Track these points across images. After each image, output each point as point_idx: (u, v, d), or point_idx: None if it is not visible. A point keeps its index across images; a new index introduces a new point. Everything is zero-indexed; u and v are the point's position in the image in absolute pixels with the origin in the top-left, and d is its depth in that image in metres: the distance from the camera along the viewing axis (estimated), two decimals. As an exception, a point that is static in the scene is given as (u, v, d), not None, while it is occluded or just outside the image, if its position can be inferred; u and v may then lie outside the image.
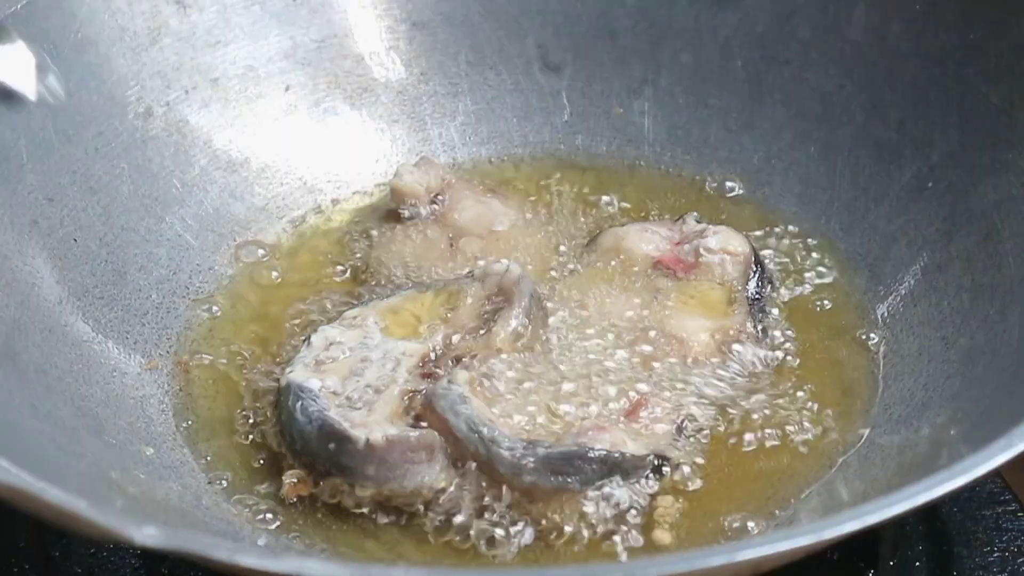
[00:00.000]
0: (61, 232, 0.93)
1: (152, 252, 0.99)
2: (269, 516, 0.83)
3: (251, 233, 1.04)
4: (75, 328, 0.90)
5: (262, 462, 0.86)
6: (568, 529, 0.80)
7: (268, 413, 0.89)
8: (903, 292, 0.96)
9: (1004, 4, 0.97)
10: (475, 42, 1.12)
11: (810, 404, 0.89)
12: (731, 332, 0.92)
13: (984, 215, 0.94)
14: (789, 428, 0.87)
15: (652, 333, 0.92)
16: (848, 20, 1.06)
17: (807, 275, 0.99)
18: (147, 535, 0.59)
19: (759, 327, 0.93)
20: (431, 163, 1.04)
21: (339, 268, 1.01)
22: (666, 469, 0.83)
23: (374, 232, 1.02)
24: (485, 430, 0.80)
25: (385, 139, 1.11)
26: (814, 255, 1.01)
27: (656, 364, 0.90)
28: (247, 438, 0.88)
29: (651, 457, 0.82)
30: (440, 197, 1.02)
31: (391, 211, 1.03)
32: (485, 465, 0.80)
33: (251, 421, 0.89)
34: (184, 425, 0.89)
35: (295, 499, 0.83)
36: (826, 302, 0.97)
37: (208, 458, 0.87)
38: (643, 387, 0.88)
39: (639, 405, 0.86)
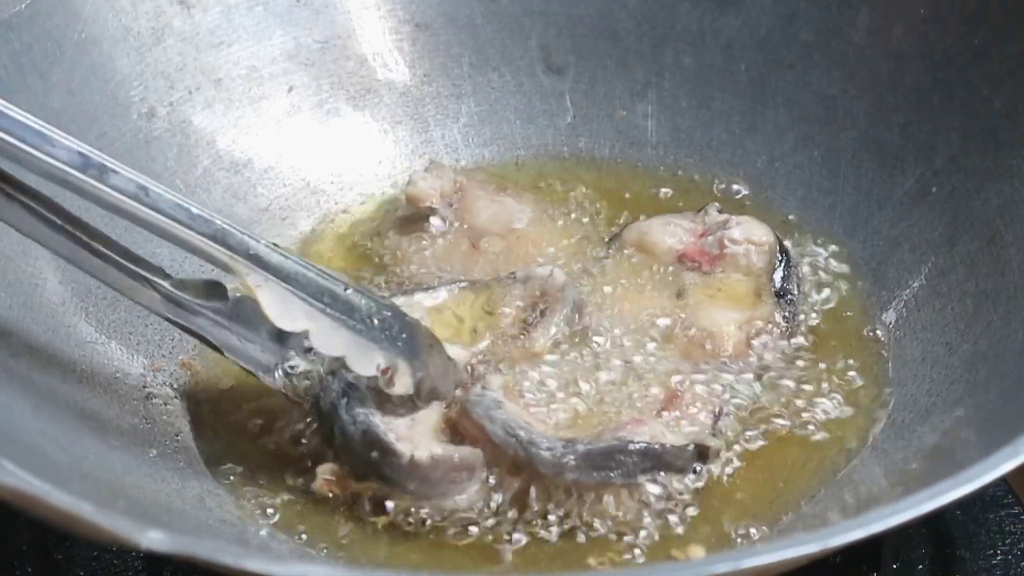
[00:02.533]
0: (65, 233, 0.93)
1: (155, 252, 0.98)
2: (270, 512, 0.83)
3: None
4: (78, 329, 0.90)
5: (265, 463, 0.86)
6: (599, 530, 0.81)
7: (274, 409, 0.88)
8: (906, 297, 0.96)
9: (1008, 9, 0.98)
10: (478, 44, 1.12)
11: (814, 407, 0.89)
12: (760, 323, 0.92)
13: (987, 220, 0.94)
14: (796, 431, 0.88)
15: (681, 327, 0.92)
16: (851, 23, 1.06)
17: (810, 279, 0.99)
18: (152, 540, 0.59)
19: (787, 317, 0.93)
20: (441, 167, 1.04)
21: (349, 271, 1.01)
22: (702, 464, 0.83)
23: (393, 239, 1.02)
24: (523, 433, 0.80)
25: (388, 140, 1.11)
26: (817, 259, 1.01)
27: (687, 357, 0.90)
28: (250, 439, 0.88)
29: (691, 447, 0.82)
30: (454, 200, 1.02)
31: (407, 218, 1.03)
32: (526, 467, 0.80)
33: (256, 421, 0.89)
34: (187, 427, 0.89)
35: (329, 494, 0.83)
36: (829, 307, 0.97)
37: (211, 459, 0.87)
38: (676, 380, 0.88)
39: (673, 398, 0.86)
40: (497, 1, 1.12)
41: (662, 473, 0.81)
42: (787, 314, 0.94)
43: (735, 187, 1.07)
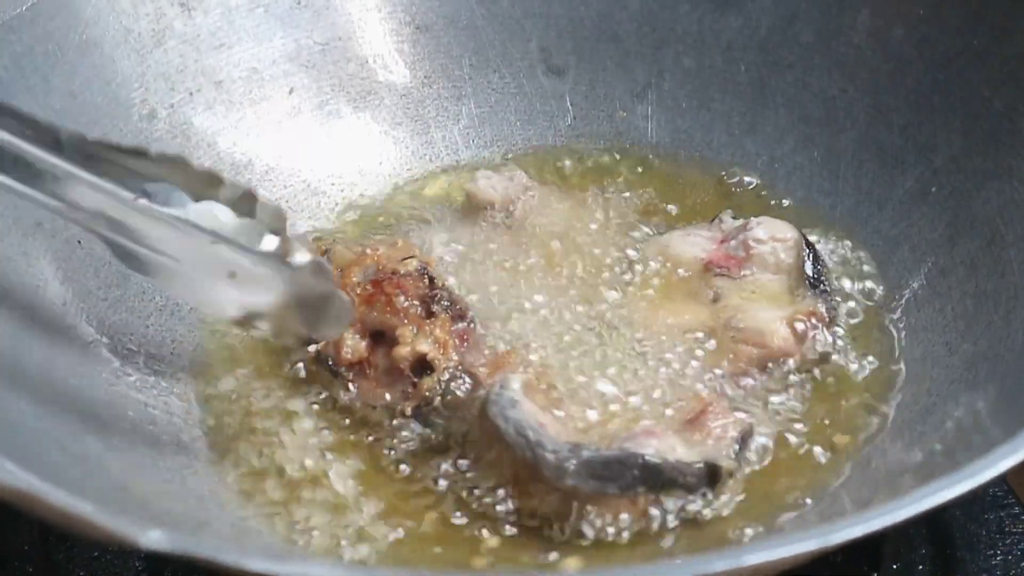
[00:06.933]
0: (65, 234, 0.93)
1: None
2: (271, 512, 0.83)
3: (254, 235, 1.04)
4: (79, 330, 0.90)
5: (265, 463, 0.86)
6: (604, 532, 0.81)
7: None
8: (907, 297, 0.96)
9: (1008, 9, 0.98)
10: (479, 45, 1.12)
11: (815, 406, 0.89)
12: (805, 316, 0.91)
13: (988, 220, 0.94)
14: (794, 429, 0.88)
15: (724, 329, 0.91)
16: (851, 24, 1.06)
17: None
18: (153, 539, 0.60)
19: (829, 306, 0.93)
20: (514, 171, 1.04)
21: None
22: (712, 485, 0.81)
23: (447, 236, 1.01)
24: (531, 434, 0.80)
25: (388, 142, 1.11)
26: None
27: (736, 360, 0.89)
28: (251, 438, 0.88)
29: (700, 465, 0.80)
30: (515, 204, 1.02)
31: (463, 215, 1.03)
32: (532, 468, 0.80)
33: (256, 422, 0.89)
34: (187, 427, 0.89)
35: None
36: (860, 299, 0.97)
37: (212, 460, 0.87)
38: (709, 391, 0.87)
39: (703, 412, 0.84)
40: (498, 3, 1.12)
41: (665, 490, 0.80)
42: (827, 303, 0.93)
43: (747, 179, 1.07)
